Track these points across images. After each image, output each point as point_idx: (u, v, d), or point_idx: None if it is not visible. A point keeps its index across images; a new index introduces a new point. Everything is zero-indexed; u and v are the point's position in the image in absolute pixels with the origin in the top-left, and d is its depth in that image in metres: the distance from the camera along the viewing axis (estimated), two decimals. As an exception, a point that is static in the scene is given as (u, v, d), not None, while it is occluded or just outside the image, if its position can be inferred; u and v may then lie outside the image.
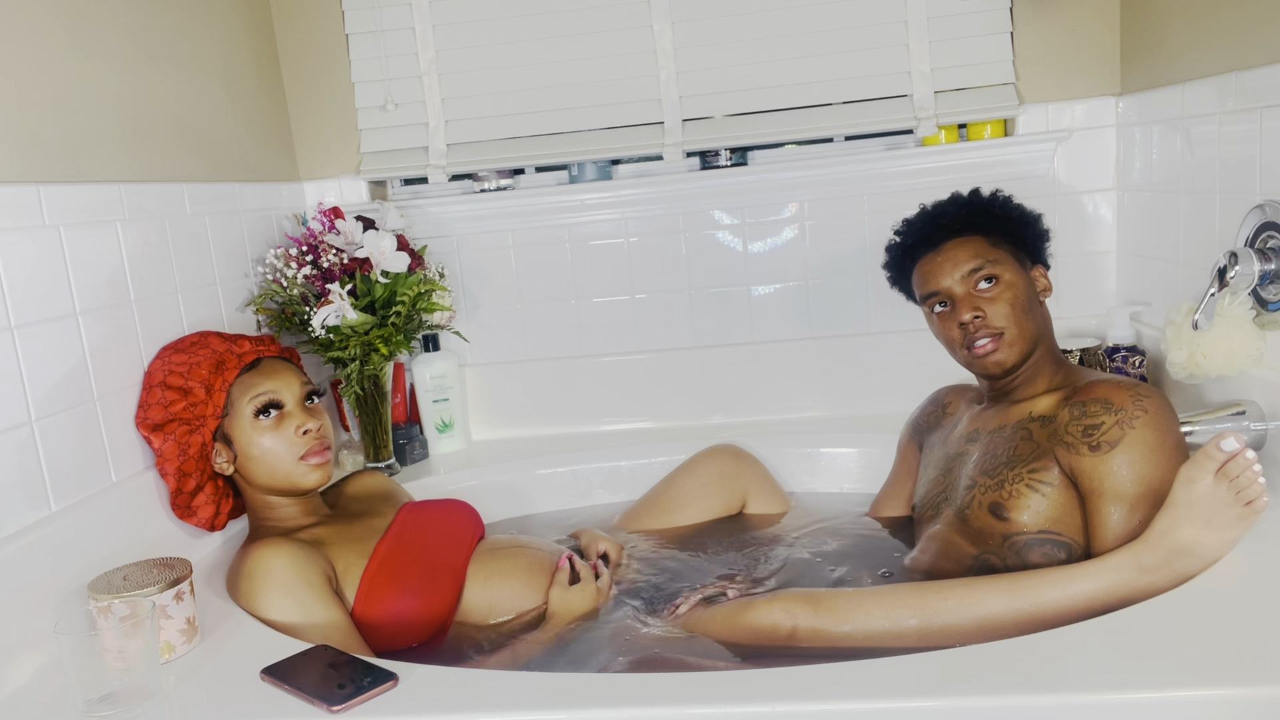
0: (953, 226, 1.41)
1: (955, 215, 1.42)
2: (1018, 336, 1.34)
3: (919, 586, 1.20)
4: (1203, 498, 1.10)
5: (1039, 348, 1.37)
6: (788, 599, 1.21)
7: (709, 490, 1.72)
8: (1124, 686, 0.91)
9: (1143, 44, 1.77)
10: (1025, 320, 1.35)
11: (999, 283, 1.35)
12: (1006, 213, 1.41)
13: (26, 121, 1.27)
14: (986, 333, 1.35)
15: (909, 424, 1.62)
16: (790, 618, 1.19)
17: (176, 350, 1.42)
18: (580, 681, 1.06)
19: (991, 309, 1.34)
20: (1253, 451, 1.12)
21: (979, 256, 1.37)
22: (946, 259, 1.38)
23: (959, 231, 1.40)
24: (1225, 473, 1.10)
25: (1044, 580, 1.15)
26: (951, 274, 1.37)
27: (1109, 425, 1.21)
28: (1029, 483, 1.26)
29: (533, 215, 2.04)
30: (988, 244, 1.38)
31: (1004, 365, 1.36)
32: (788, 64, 1.94)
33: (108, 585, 1.12)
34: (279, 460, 1.37)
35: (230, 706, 1.03)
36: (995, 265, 1.36)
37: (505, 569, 1.43)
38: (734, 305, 2.05)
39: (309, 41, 2.03)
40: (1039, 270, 1.43)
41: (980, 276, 1.36)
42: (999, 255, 1.37)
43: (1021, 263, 1.40)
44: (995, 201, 1.43)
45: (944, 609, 1.15)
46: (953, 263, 1.37)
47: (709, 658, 1.22)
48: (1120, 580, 1.12)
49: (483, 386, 2.10)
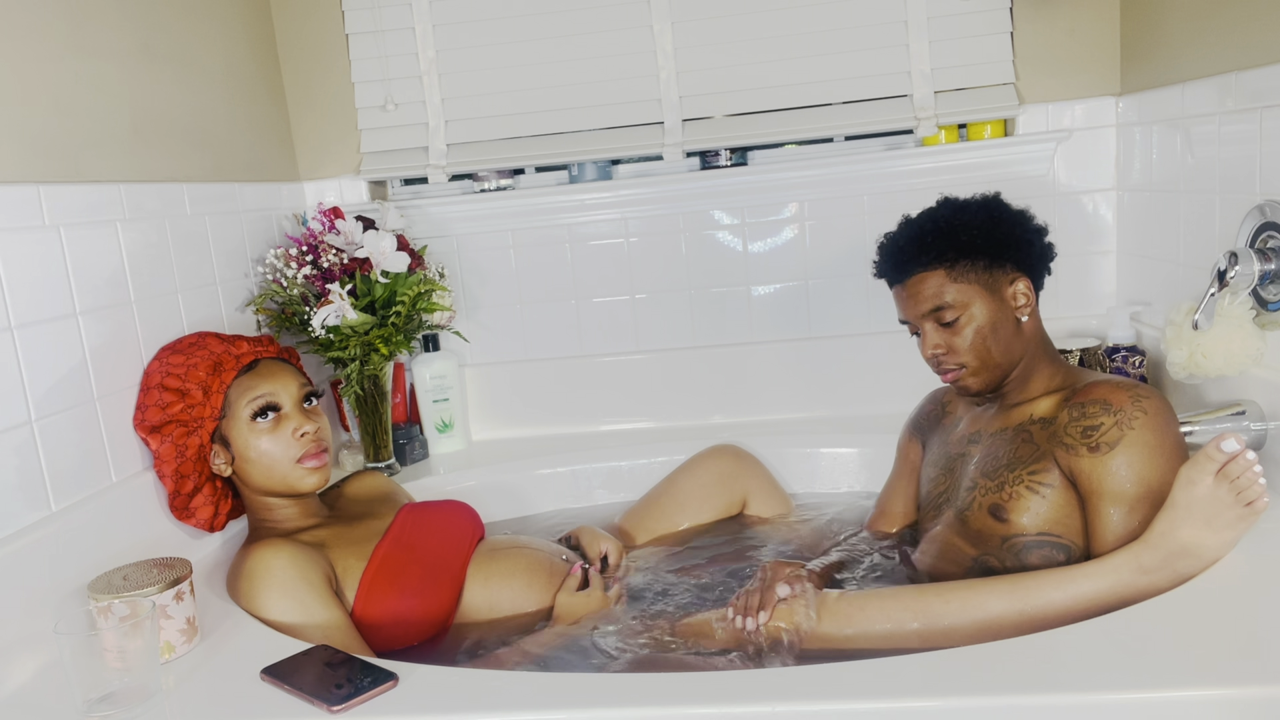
0: (913, 259, 1.34)
1: (913, 247, 1.34)
2: (981, 367, 1.33)
3: (920, 589, 1.21)
4: (1203, 498, 1.10)
5: (1022, 361, 1.35)
6: (789, 606, 1.21)
7: (709, 491, 1.72)
8: (1124, 686, 0.91)
9: (1143, 44, 1.77)
10: (992, 349, 1.32)
11: (960, 319, 1.32)
12: (971, 236, 1.32)
13: (27, 121, 1.27)
14: (950, 363, 1.35)
15: (909, 423, 1.62)
16: (791, 624, 1.19)
17: (174, 352, 1.42)
18: (580, 681, 1.06)
19: (954, 342, 1.33)
20: (1253, 452, 1.12)
21: (936, 297, 1.32)
22: (909, 295, 1.35)
23: (920, 264, 1.33)
24: (1226, 473, 1.10)
25: (1045, 581, 1.15)
26: (913, 310, 1.35)
27: (1108, 426, 1.21)
28: (1029, 485, 1.26)
29: (533, 215, 2.04)
30: (949, 277, 1.32)
31: (972, 390, 1.36)
32: (788, 64, 1.94)
33: (108, 585, 1.12)
34: (276, 463, 1.37)
35: (230, 706, 1.03)
36: (954, 304, 1.31)
37: (505, 569, 1.43)
38: (734, 305, 2.05)
39: (309, 41, 2.03)
40: (1019, 285, 1.33)
41: (939, 317, 1.33)
42: (961, 288, 1.31)
43: (993, 286, 1.32)
44: (957, 224, 1.33)
45: (945, 612, 1.15)
46: (914, 300, 1.35)
47: (709, 657, 1.22)
48: (1121, 581, 1.12)
49: (483, 386, 2.10)
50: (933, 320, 1.34)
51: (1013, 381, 1.36)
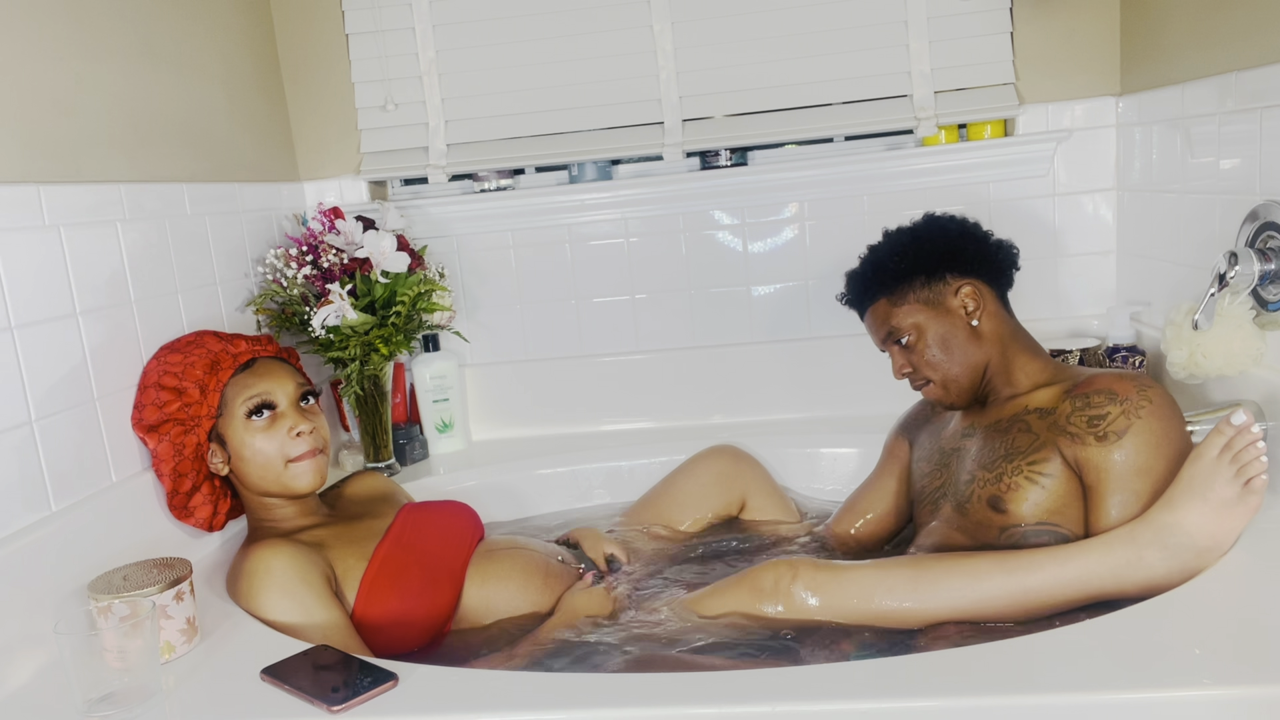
0: (860, 294, 1.46)
1: (859, 284, 1.46)
2: (946, 377, 1.40)
3: (918, 558, 1.23)
4: (1204, 472, 1.12)
5: (990, 363, 1.39)
6: (791, 559, 1.25)
7: (708, 491, 1.72)
8: (1124, 686, 0.91)
9: (1143, 44, 1.77)
10: (953, 358, 1.39)
11: (910, 339, 1.40)
12: (897, 261, 1.40)
13: (27, 121, 1.27)
14: (917, 380, 1.42)
15: (898, 423, 1.63)
16: (793, 571, 1.22)
17: (172, 350, 1.42)
18: (580, 681, 1.06)
19: (914, 360, 1.41)
20: (1259, 427, 1.12)
21: (885, 324, 1.42)
22: (868, 325, 1.47)
23: (867, 297, 1.45)
24: (1230, 447, 1.11)
25: (1040, 556, 1.17)
26: (875, 338, 1.46)
27: (1115, 415, 1.22)
28: (1027, 475, 1.27)
29: (533, 215, 2.04)
30: (890, 304, 1.41)
31: (947, 401, 1.42)
32: (788, 64, 1.94)
33: (108, 585, 1.12)
34: (270, 462, 1.37)
35: (230, 707, 1.03)
36: (902, 328, 1.40)
37: (501, 570, 1.43)
38: (734, 305, 2.05)
39: (309, 41, 2.03)
40: (964, 291, 1.38)
41: (892, 341, 1.42)
42: (904, 311, 1.40)
43: (934, 300, 1.39)
44: (884, 254, 1.42)
45: (940, 581, 1.17)
46: (872, 329, 1.46)
47: (709, 657, 1.22)
48: (1113, 553, 1.13)
49: (483, 386, 2.10)
50: (892, 344, 1.43)
51: (992, 382, 1.39)
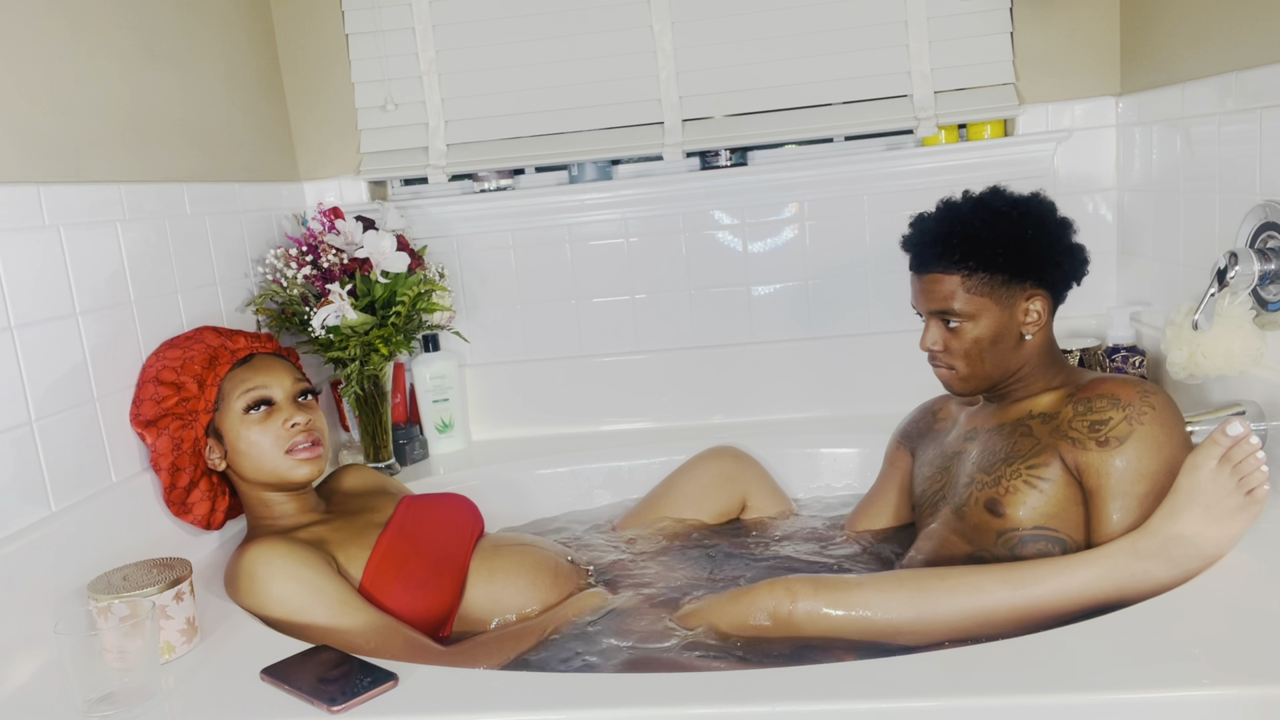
0: (934, 258, 1.32)
1: (938, 246, 1.32)
2: (970, 375, 1.34)
3: (919, 572, 1.22)
4: (1204, 484, 1.11)
5: (1019, 370, 1.34)
6: (790, 580, 1.22)
7: (708, 492, 1.72)
8: (1124, 686, 0.91)
9: (1143, 44, 1.77)
10: (984, 362, 1.32)
11: (963, 327, 1.31)
12: (995, 251, 1.29)
13: (26, 121, 1.27)
14: (942, 361, 1.36)
15: (897, 432, 1.61)
16: (791, 596, 1.20)
17: (171, 345, 1.42)
18: (580, 681, 1.06)
19: (952, 344, 1.33)
20: (1257, 438, 1.12)
21: (946, 300, 1.31)
22: (923, 289, 1.35)
23: (939, 265, 1.31)
24: (1229, 458, 1.10)
25: (1042, 568, 1.16)
26: (923, 304, 1.36)
27: (1117, 421, 1.21)
28: (1026, 479, 1.26)
29: (533, 215, 2.04)
30: (963, 285, 1.30)
31: (956, 391, 1.38)
32: (788, 64, 1.94)
33: (108, 585, 1.12)
34: (265, 453, 1.37)
35: (230, 706, 1.03)
36: (962, 313, 1.31)
37: (509, 566, 1.43)
38: (734, 305, 2.05)
39: (309, 41, 2.03)
40: (1034, 303, 1.31)
41: (944, 318, 1.33)
42: (972, 299, 1.30)
43: (1006, 300, 1.30)
44: (985, 236, 1.29)
45: (942, 598, 1.16)
46: (926, 296, 1.34)
47: (709, 657, 1.22)
48: (1117, 567, 1.13)
49: (483, 386, 2.10)
50: (938, 319, 1.34)
51: (1009, 385, 1.37)
